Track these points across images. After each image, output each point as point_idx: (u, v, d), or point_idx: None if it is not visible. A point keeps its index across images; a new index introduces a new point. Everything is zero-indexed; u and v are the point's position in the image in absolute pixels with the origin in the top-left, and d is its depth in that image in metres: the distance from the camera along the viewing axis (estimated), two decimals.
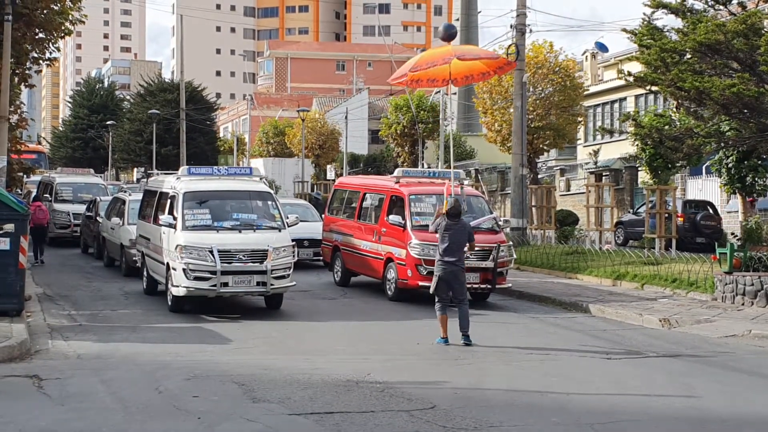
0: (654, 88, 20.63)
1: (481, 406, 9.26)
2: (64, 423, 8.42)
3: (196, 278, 15.05)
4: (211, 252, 15.04)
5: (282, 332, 13.93)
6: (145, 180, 21.15)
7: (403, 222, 17.38)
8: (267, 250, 15.28)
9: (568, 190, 39.70)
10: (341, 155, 59.72)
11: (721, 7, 19.11)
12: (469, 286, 16.70)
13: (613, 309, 16.28)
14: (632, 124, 22.25)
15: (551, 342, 13.36)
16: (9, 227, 13.57)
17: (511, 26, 27.84)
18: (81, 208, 28.03)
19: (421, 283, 16.92)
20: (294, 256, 15.99)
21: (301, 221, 19.27)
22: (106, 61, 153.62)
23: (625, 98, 44.35)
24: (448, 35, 16.15)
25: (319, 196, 45.40)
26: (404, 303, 17.14)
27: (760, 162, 23.91)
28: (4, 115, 20.99)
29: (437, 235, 13.19)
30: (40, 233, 23.38)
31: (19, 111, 27.12)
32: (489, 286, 17.13)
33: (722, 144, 20.67)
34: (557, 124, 34.46)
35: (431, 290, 13.09)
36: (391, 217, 17.73)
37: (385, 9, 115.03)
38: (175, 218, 15.66)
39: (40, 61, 25.04)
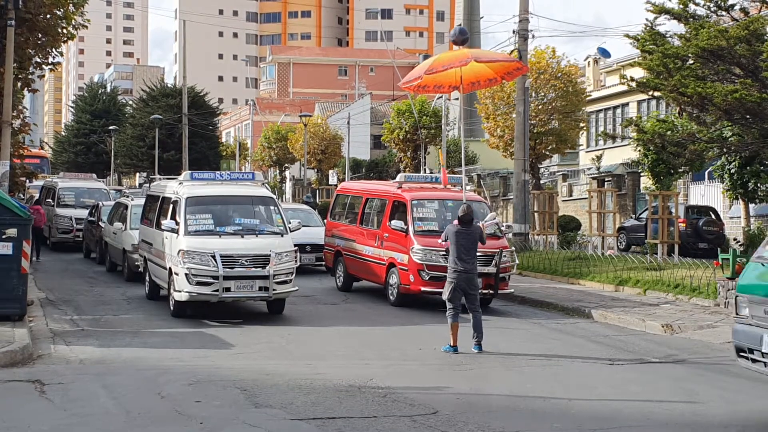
0: (656, 94, 20.66)
1: (483, 412, 9.25)
2: (66, 428, 8.42)
3: (199, 283, 15.05)
4: (214, 257, 15.04)
5: (284, 337, 13.93)
6: (147, 185, 21.15)
7: (405, 227, 17.38)
8: (269, 255, 15.28)
9: (571, 196, 39.71)
10: (343, 160, 59.78)
11: (724, 12, 19.12)
12: None
13: (615, 314, 16.26)
14: (635, 130, 22.27)
15: (553, 347, 13.35)
16: (12, 232, 13.58)
17: (513, 31, 27.86)
18: (83, 213, 28.03)
19: (423, 289, 16.92)
20: (296, 261, 15.98)
21: (304, 226, 19.27)
22: (108, 66, 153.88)
23: (627, 104, 44.40)
24: (462, 39, 16.12)
25: (310, 200, 45.81)
26: (406, 308, 17.13)
27: (762, 167, 23.91)
28: (7, 120, 21.02)
29: (449, 242, 12.95)
30: (36, 235, 23.36)
31: (21, 115, 27.16)
32: (491, 292, 17.11)
33: (725, 149, 20.67)
34: (559, 130, 34.49)
35: (445, 296, 12.92)
36: (393, 222, 17.73)
37: (387, 14, 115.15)
38: (177, 223, 15.66)
39: (43, 66, 25.06)
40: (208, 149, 67.05)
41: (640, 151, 25.58)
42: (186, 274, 15.03)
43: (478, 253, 16.66)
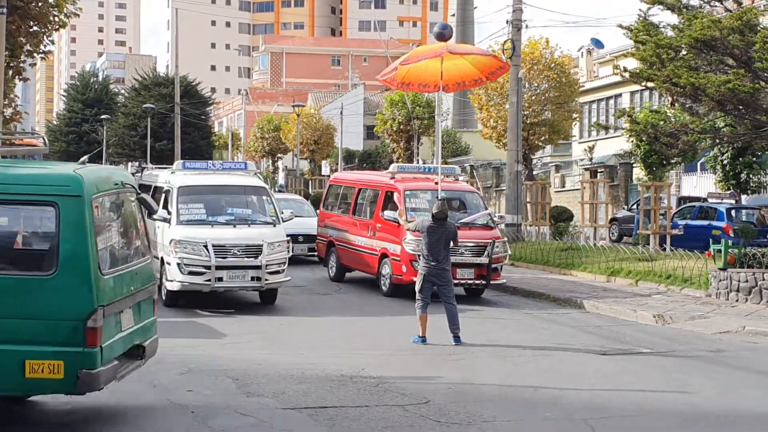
0: (649, 84, 20.64)
1: (475, 401, 9.26)
2: (56, 416, 8.40)
3: (191, 273, 15.01)
4: (206, 247, 15.01)
5: (276, 327, 13.92)
6: (139, 174, 21.08)
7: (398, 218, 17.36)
8: (261, 245, 15.25)
9: (563, 187, 39.75)
10: (336, 151, 59.70)
11: (717, 3, 19.12)
12: (463, 281, 16.74)
13: (607, 305, 16.29)
14: (627, 121, 22.27)
15: (545, 338, 13.37)
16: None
17: (507, 22, 27.82)
18: None
19: (415, 279, 16.91)
20: (289, 251, 15.97)
21: (296, 216, 19.24)
22: (100, 54, 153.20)
23: (620, 94, 44.39)
24: (441, 34, 16.14)
25: (283, 189, 46.49)
26: (398, 298, 17.13)
27: (755, 159, 23.98)
28: None
29: (421, 235, 12.95)
30: None
31: (13, 104, 27.05)
32: (483, 282, 17.12)
33: (717, 140, 20.71)
34: (552, 121, 34.47)
35: (416, 288, 12.97)
36: (386, 212, 17.71)
37: (380, 4, 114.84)
38: (169, 213, 15.62)
39: (35, 54, 24.94)
40: (200, 139, 66.89)
41: (632, 142, 25.64)
42: (178, 264, 15.00)
43: (470, 244, 16.72)
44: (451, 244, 13.06)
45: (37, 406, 8.76)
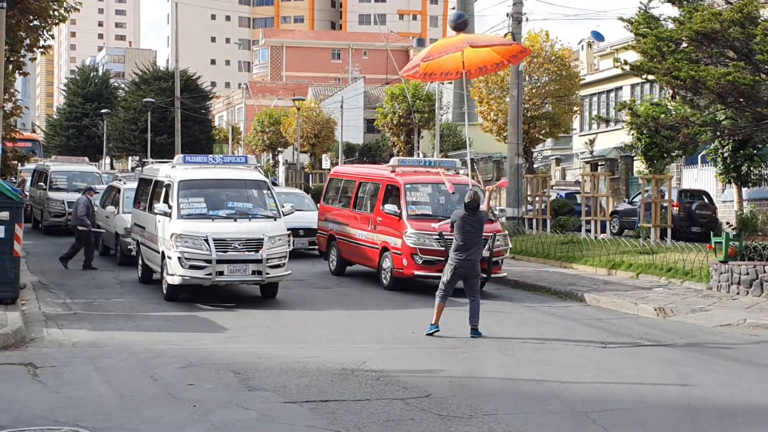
0: (650, 77, 20.63)
1: (476, 395, 9.27)
2: (60, 411, 8.41)
3: (192, 267, 15.02)
4: (207, 241, 15.01)
5: (277, 321, 13.94)
6: (139, 168, 21.04)
7: (398, 211, 17.36)
8: (262, 239, 15.26)
9: (564, 180, 39.70)
10: (337, 144, 59.69)
11: None
12: None
13: (608, 298, 16.30)
14: (628, 113, 22.25)
15: (546, 331, 13.38)
16: (4, 215, 13.55)
17: (507, 15, 27.79)
18: (76, 197, 27.91)
19: (416, 273, 16.94)
20: (289, 245, 15.96)
21: (297, 210, 19.26)
22: (100, 49, 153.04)
23: (621, 87, 44.34)
24: (459, 24, 16.08)
25: (276, 182, 46.88)
26: (399, 292, 17.15)
27: (755, 151, 23.95)
28: None
29: (454, 228, 12.86)
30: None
31: (13, 99, 27.02)
32: (484, 276, 17.07)
33: (718, 133, 20.69)
34: (553, 114, 34.44)
35: (443, 278, 12.91)
36: (386, 206, 17.71)
37: None
38: (170, 207, 15.62)
39: (35, 49, 24.90)
40: (200, 133, 66.89)
41: (633, 135, 25.59)
42: (179, 258, 15.00)
43: None
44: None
45: (38, 401, 8.78)
